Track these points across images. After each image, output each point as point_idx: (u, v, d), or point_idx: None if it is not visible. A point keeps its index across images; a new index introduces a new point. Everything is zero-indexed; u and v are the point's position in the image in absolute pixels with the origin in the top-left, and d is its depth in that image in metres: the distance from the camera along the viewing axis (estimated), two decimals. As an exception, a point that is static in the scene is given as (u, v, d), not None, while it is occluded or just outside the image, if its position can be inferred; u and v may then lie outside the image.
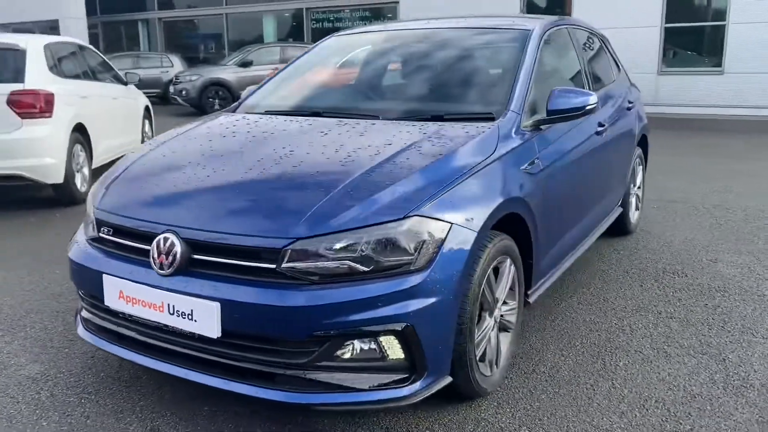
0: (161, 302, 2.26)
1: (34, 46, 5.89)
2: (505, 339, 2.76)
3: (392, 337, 2.14)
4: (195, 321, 2.19)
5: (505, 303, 2.73)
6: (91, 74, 7.01)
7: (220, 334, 2.17)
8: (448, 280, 2.20)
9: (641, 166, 4.91)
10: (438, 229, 2.22)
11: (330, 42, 3.96)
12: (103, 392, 2.68)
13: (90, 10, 23.57)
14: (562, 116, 2.97)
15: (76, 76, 6.58)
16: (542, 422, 2.44)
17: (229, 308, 2.14)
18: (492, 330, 2.59)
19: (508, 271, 2.65)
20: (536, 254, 2.88)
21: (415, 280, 2.14)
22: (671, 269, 4.10)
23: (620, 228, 4.70)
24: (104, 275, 2.42)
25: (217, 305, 2.15)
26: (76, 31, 22.88)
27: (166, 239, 2.27)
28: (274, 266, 2.13)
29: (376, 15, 18.58)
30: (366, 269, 2.12)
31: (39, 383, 2.77)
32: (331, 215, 2.16)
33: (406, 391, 2.19)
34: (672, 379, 2.75)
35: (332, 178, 2.34)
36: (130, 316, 2.39)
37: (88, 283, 2.52)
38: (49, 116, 5.64)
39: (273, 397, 2.17)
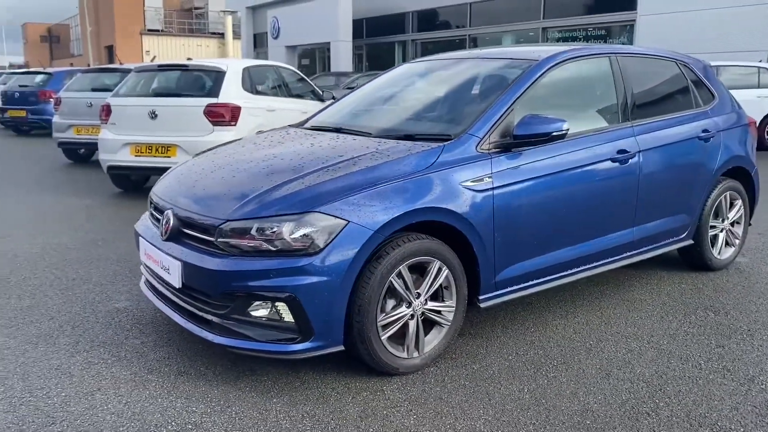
0: (159, 259, 3.15)
1: (233, 68, 7.42)
2: (437, 332, 3.13)
3: (284, 304, 2.75)
4: (170, 274, 3.04)
5: (442, 300, 3.11)
6: (285, 92, 8.45)
7: (180, 286, 2.98)
8: (336, 266, 2.73)
9: (738, 201, 4.59)
10: (333, 225, 2.76)
11: (400, 68, 4.55)
12: (150, 326, 3.67)
13: (357, 34, 26.62)
14: (526, 141, 3.23)
15: (270, 94, 8.03)
16: (426, 403, 2.80)
17: (185, 267, 2.94)
18: (411, 319, 3.01)
19: (435, 271, 3.03)
20: (484, 264, 3.18)
21: (303, 261, 2.71)
22: (716, 308, 3.89)
23: (697, 263, 4.51)
24: (140, 237, 3.40)
25: (180, 264, 2.96)
26: (343, 52, 26.09)
27: (167, 214, 3.16)
28: (213, 239, 2.88)
29: (611, 34, 18.09)
30: (274, 249, 2.77)
31: (119, 313, 3.87)
32: (256, 205, 2.84)
33: (293, 347, 2.78)
34: (583, 394, 2.87)
35: (277, 177, 3.00)
36: (149, 268, 3.34)
37: (137, 244, 3.52)
38: (235, 125, 7.08)
39: (206, 336, 2.92)
